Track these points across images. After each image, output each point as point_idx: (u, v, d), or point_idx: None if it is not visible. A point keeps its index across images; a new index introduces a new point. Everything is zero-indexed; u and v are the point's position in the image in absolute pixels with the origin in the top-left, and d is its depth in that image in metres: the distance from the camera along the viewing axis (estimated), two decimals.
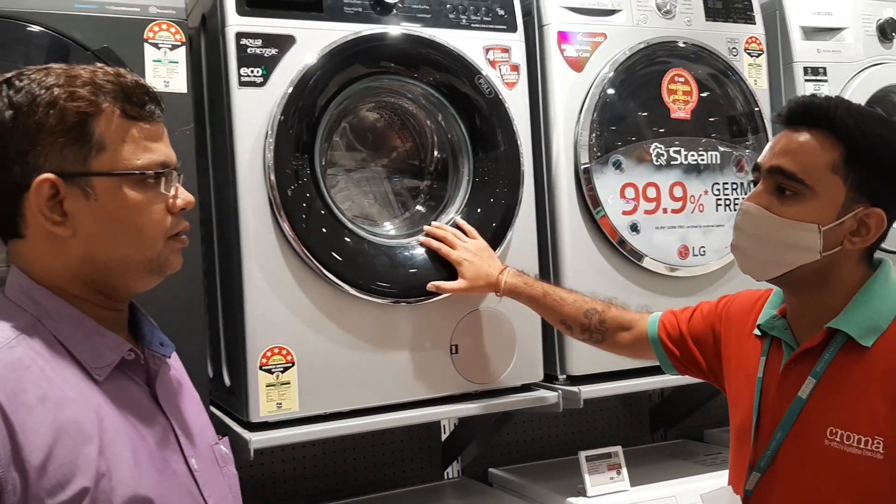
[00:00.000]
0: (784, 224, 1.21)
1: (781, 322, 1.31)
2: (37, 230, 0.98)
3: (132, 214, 1.00)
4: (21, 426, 0.88)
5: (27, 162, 0.95)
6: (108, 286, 1.02)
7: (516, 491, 2.13)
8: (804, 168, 1.20)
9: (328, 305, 1.73)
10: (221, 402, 1.86)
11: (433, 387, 1.84)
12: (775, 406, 1.27)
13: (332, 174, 1.89)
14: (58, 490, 0.88)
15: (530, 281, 1.76)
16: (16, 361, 0.91)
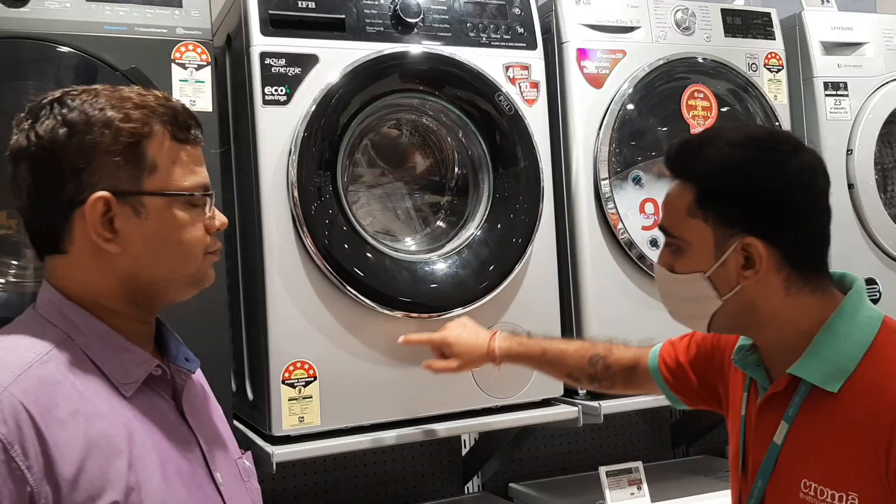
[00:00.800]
0: (677, 280, 1.16)
1: (755, 357, 1.22)
2: (83, 246, 1.00)
3: (178, 233, 1.03)
4: (53, 440, 0.89)
5: (81, 179, 0.97)
6: (147, 299, 1.04)
7: None
8: (671, 221, 1.16)
9: (350, 320, 1.74)
10: (244, 416, 1.88)
11: (454, 401, 1.85)
12: (756, 448, 1.20)
13: (354, 190, 1.92)
14: (89, 503, 0.90)
15: (525, 340, 1.66)
16: (48, 376, 0.93)
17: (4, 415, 0.87)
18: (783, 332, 1.15)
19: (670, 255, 1.18)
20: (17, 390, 0.90)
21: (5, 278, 1.53)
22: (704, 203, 1.12)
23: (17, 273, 1.55)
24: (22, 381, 0.91)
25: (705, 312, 1.16)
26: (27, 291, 1.54)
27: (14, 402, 0.89)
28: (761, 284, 1.12)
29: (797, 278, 1.13)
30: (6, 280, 1.53)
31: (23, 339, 0.97)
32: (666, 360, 1.49)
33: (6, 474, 0.85)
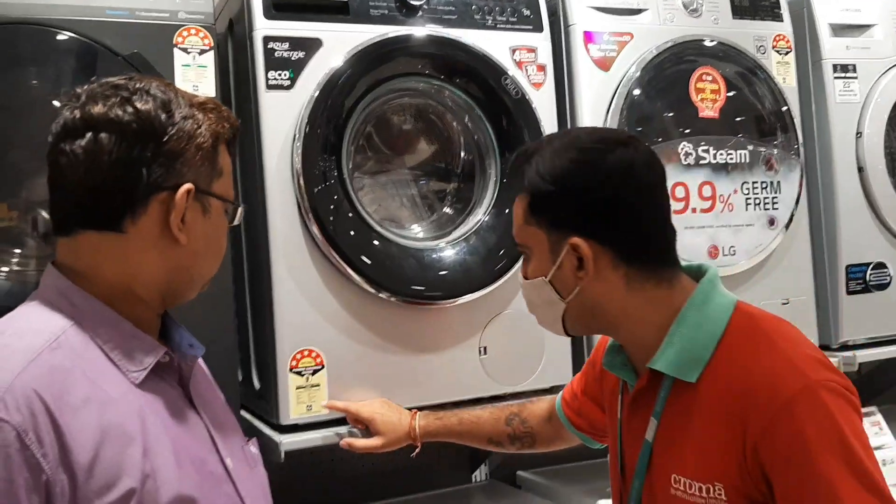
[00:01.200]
0: (528, 286, 1.22)
1: (622, 358, 1.23)
2: (146, 230, 1.00)
3: (222, 236, 1.10)
4: (68, 428, 0.88)
5: (174, 166, 1.00)
6: (176, 294, 1.07)
7: (545, 494, 2.12)
8: (516, 229, 1.22)
9: (357, 308, 1.73)
10: (251, 405, 1.86)
11: (462, 389, 1.83)
12: (631, 448, 1.21)
13: (359, 177, 1.89)
14: (105, 491, 0.89)
15: (442, 414, 1.67)
16: (58, 364, 0.92)
17: (18, 403, 0.86)
18: (637, 329, 1.16)
19: (523, 262, 1.24)
20: (28, 378, 0.88)
21: (8, 267, 1.51)
22: (536, 209, 1.17)
23: (19, 262, 1.53)
24: (33, 369, 0.90)
25: (556, 314, 1.20)
26: (30, 280, 1.52)
27: (27, 389, 0.87)
28: (600, 283, 1.14)
29: (637, 274, 1.14)
30: (9, 269, 1.51)
31: (30, 325, 0.96)
32: (566, 398, 1.52)
33: (21, 462, 0.84)
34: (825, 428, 1.02)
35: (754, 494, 1.05)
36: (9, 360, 0.89)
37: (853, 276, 2.26)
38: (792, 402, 1.02)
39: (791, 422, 1.02)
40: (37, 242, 1.55)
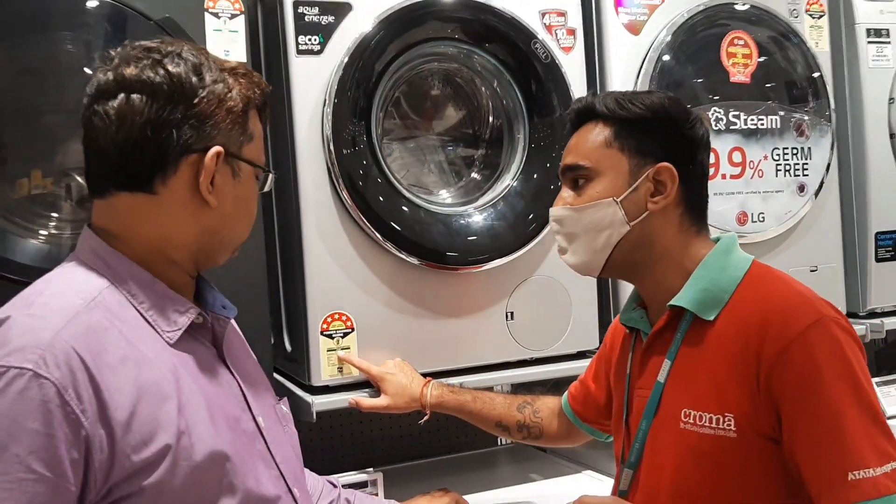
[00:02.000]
0: (584, 209, 1.25)
1: (639, 313, 1.31)
2: (177, 191, 1.02)
3: (253, 202, 1.11)
4: (105, 385, 0.90)
5: (204, 129, 1.01)
6: (206, 258, 1.08)
7: (571, 457, 2.14)
8: (583, 154, 1.26)
9: (386, 272, 1.74)
10: (283, 367, 1.89)
11: (489, 353, 1.85)
12: (641, 395, 1.26)
13: (388, 143, 1.90)
14: (142, 447, 0.91)
15: (456, 389, 1.69)
16: (95, 323, 0.94)
17: (58, 360, 0.88)
18: (669, 270, 1.25)
19: (575, 192, 1.27)
20: (68, 336, 0.90)
21: (46, 231, 1.54)
22: (623, 133, 1.25)
23: (56, 226, 1.56)
24: (71, 328, 0.92)
25: (610, 241, 1.24)
26: (65, 244, 1.55)
27: (66, 347, 0.89)
28: (661, 216, 1.24)
29: (688, 217, 1.26)
30: (47, 233, 1.54)
31: (68, 285, 0.98)
32: (572, 392, 1.58)
33: (61, 418, 0.87)
34: (836, 358, 1.10)
35: (763, 426, 1.11)
36: (48, 319, 0.91)
37: (882, 243, 2.25)
38: (806, 332, 1.10)
39: (804, 350, 1.10)
40: (72, 207, 1.57)
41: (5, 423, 0.85)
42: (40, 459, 0.85)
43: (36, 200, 1.55)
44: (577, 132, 1.30)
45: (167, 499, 0.92)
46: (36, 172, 1.57)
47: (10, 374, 0.86)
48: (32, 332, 0.90)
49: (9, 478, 0.84)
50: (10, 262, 1.48)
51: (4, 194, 1.52)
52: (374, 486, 1.67)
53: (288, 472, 1.10)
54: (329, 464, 2.15)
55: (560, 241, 1.32)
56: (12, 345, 0.88)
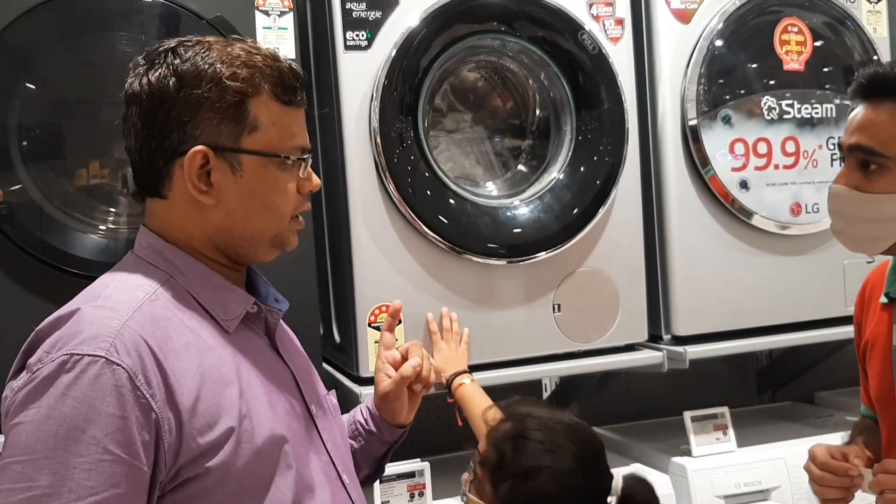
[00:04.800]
0: (875, 200, 1.19)
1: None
2: (181, 194, 1.03)
3: (271, 192, 1.05)
4: (172, 370, 0.94)
5: (185, 131, 1.01)
6: (236, 254, 1.08)
7: (619, 450, 2.13)
8: (881, 140, 1.18)
9: (433, 265, 1.76)
10: (332, 358, 1.93)
11: (536, 345, 1.85)
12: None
13: (434, 135, 1.91)
14: (207, 430, 0.95)
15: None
16: (158, 313, 0.98)
17: (127, 347, 0.92)
18: None
19: (864, 175, 1.20)
20: (135, 325, 0.95)
21: (105, 225, 1.59)
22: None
23: (113, 220, 1.61)
24: (138, 317, 0.96)
25: (894, 233, 1.20)
26: (122, 237, 1.60)
27: (134, 335, 0.94)
28: None
29: None
30: (106, 227, 1.59)
31: (130, 278, 1.02)
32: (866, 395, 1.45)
33: (133, 402, 0.91)
34: None
35: None
36: (115, 310, 0.96)
37: None
38: None
39: None
40: (127, 200, 1.62)
41: (82, 408, 0.89)
42: (116, 441, 0.89)
43: (93, 193, 1.60)
44: (874, 107, 1.20)
45: (231, 479, 0.96)
46: (94, 164, 1.62)
47: (85, 361, 0.90)
48: (102, 322, 0.94)
49: (88, 459, 0.88)
50: (72, 256, 1.54)
51: (64, 188, 1.57)
52: (420, 475, 1.69)
53: (338, 458, 1.13)
54: None
55: (837, 222, 1.26)
56: (84, 334, 0.92)
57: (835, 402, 2.40)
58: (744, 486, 1.86)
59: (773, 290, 2.02)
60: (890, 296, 1.31)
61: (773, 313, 2.03)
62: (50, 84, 1.55)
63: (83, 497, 0.87)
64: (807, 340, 2.04)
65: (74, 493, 0.87)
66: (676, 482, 1.84)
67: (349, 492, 1.13)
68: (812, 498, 1.86)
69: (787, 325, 2.04)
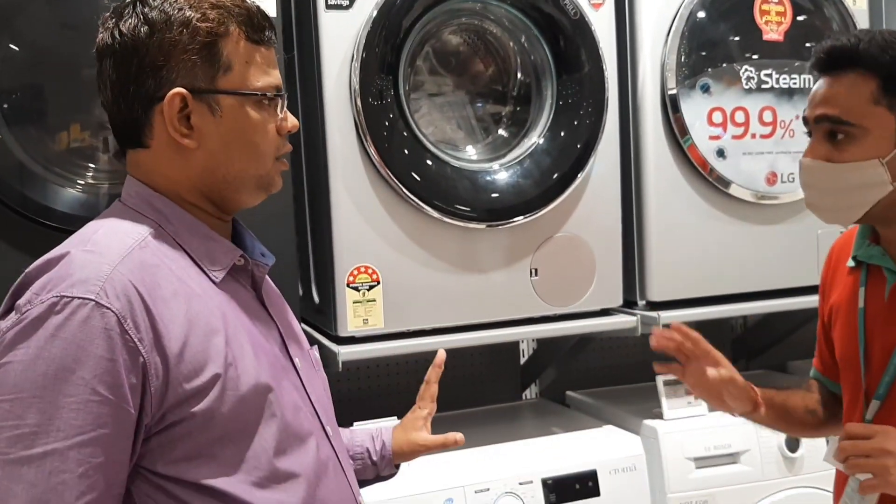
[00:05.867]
0: (846, 169, 1.20)
1: (878, 249, 1.29)
2: (163, 141, 1.04)
3: (251, 132, 1.06)
4: (160, 316, 0.96)
5: (160, 76, 1.01)
6: (221, 199, 1.09)
7: (593, 413, 2.17)
8: (847, 109, 1.19)
9: (412, 227, 1.77)
10: (311, 318, 1.95)
11: (513, 309, 1.88)
12: (886, 332, 1.26)
13: (416, 98, 1.91)
14: (193, 376, 0.96)
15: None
16: (147, 260, 0.99)
17: (117, 291, 0.93)
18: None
19: (833, 146, 1.21)
20: (124, 270, 0.96)
21: (84, 180, 1.59)
22: (890, 91, 1.17)
23: (93, 176, 1.61)
24: (127, 262, 0.97)
25: (869, 200, 1.21)
26: (102, 192, 1.60)
27: (124, 280, 0.95)
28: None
29: None
30: (84, 182, 1.59)
31: (119, 225, 1.03)
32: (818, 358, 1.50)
33: (121, 345, 0.92)
34: None
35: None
36: (105, 255, 0.97)
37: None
38: None
39: None
40: (109, 159, 1.62)
41: (71, 349, 0.90)
42: (104, 383, 0.91)
43: (75, 153, 1.60)
44: (835, 79, 1.21)
45: (215, 425, 0.98)
46: (75, 126, 1.62)
47: (74, 303, 0.92)
48: (92, 266, 0.95)
49: (76, 399, 0.90)
50: (52, 210, 1.55)
51: (46, 146, 1.57)
52: None
53: (321, 410, 1.15)
54: (353, 413, 2.21)
55: (810, 195, 1.27)
56: (74, 277, 0.93)
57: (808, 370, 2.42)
58: (713, 448, 1.90)
59: (747, 258, 2.05)
60: (857, 259, 1.33)
61: (748, 281, 2.06)
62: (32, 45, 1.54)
63: (70, 436, 0.89)
64: (780, 308, 2.08)
65: (62, 432, 0.89)
66: (647, 444, 1.88)
67: (332, 442, 1.15)
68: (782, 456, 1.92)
69: (761, 293, 2.08)
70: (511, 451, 1.85)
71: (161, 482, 0.97)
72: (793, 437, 1.86)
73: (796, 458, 1.92)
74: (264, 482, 1.01)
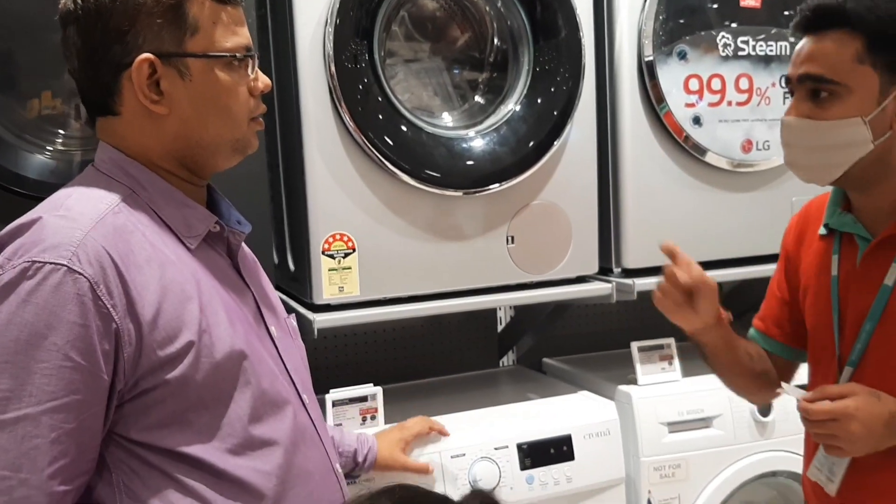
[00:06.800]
0: (828, 127, 1.21)
1: (850, 217, 1.30)
2: (134, 108, 1.03)
3: (223, 95, 1.05)
4: (133, 283, 0.95)
5: (126, 42, 0.99)
6: (196, 164, 1.08)
7: (569, 379, 2.19)
8: (831, 67, 1.20)
9: (387, 194, 1.76)
10: (286, 286, 1.94)
11: (489, 276, 1.88)
12: (858, 299, 1.27)
13: (391, 64, 1.89)
14: (167, 343, 0.96)
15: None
16: (121, 226, 0.98)
17: (89, 257, 0.93)
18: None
19: (815, 104, 1.22)
20: (97, 235, 0.95)
21: (53, 146, 1.57)
22: (876, 49, 1.17)
23: (63, 142, 1.59)
24: (100, 228, 0.96)
25: (850, 158, 1.21)
26: (75, 160, 1.58)
27: (97, 245, 0.94)
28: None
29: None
30: (54, 148, 1.57)
31: (92, 191, 1.02)
32: (763, 315, 1.52)
33: (94, 311, 0.92)
34: None
35: None
36: (78, 220, 0.96)
37: None
38: None
39: None
40: (80, 126, 1.60)
41: (44, 315, 0.90)
42: (76, 349, 0.91)
43: (46, 120, 1.58)
44: (819, 37, 1.21)
45: (189, 392, 0.98)
46: (46, 93, 1.59)
47: (46, 269, 0.91)
48: (64, 231, 0.94)
49: (49, 365, 0.90)
50: (22, 177, 1.52)
51: (16, 113, 1.55)
52: (373, 399, 1.73)
53: (298, 378, 1.15)
54: (331, 381, 2.22)
55: (790, 153, 1.28)
56: (46, 242, 0.93)
57: None
58: (687, 413, 1.93)
59: (723, 225, 2.06)
60: (829, 227, 1.34)
61: (723, 249, 2.07)
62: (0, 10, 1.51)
63: (43, 401, 0.89)
64: (755, 275, 2.10)
65: (34, 398, 0.89)
66: (622, 409, 1.90)
67: (308, 411, 1.15)
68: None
69: (736, 261, 2.09)
70: (487, 417, 1.87)
71: (135, 448, 0.98)
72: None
73: (768, 422, 1.95)
74: (239, 449, 1.01)
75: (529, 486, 1.75)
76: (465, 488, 1.69)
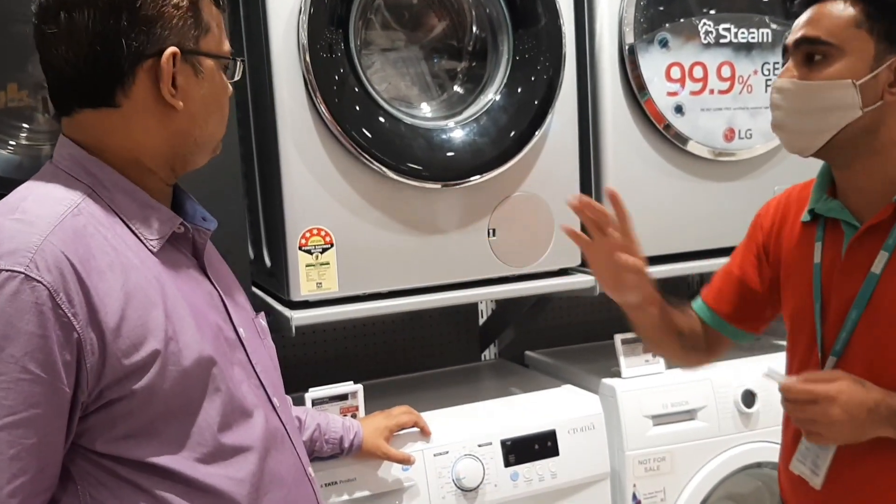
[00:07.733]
0: (818, 87, 1.19)
1: (836, 203, 1.28)
2: (140, 100, 0.99)
3: (222, 96, 1.07)
4: (95, 289, 0.91)
5: (154, 32, 0.97)
6: (185, 161, 1.06)
7: (552, 372, 2.17)
8: (827, 30, 1.19)
9: (366, 188, 1.72)
10: (262, 282, 1.90)
11: (470, 270, 1.85)
12: (843, 287, 1.25)
13: (368, 54, 1.85)
14: (132, 351, 0.92)
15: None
16: (81, 229, 0.94)
17: (48, 263, 0.88)
18: (885, 165, 1.22)
19: (808, 68, 1.21)
20: (56, 240, 0.90)
21: (17, 141, 1.51)
22: (874, 16, 1.17)
23: (28, 136, 1.53)
24: (59, 232, 0.91)
25: (837, 123, 1.20)
26: (43, 154, 1.52)
27: (56, 251, 0.89)
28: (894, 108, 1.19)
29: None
30: (17, 143, 1.51)
31: (50, 191, 0.97)
32: (711, 294, 1.49)
33: (54, 321, 0.87)
34: None
35: None
36: (35, 224, 0.91)
37: None
38: None
39: None
40: (46, 119, 1.54)
41: (0, 326, 0.86)
42: (35, 360, 0.86)
43: (10, 113, 1.52)
44: (818, 6, 1.21)
45: (156, 401, 0.94)
46: (12, 86, 1.53)
47: (2, 276, 0.87)
48: (20, 236, 0.89)
49: (6, 378, 0.86)
50: None
51: None
52: (353, 397, 1.69)
53: (267, 381, 1.12)
54: (309, 378, 2.18)
55: (778, 115, 1.26)
56: (2, 249, 0.88)
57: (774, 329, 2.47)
58: (671, 406, 1.91)
59: (705, 215, 2.04)
60: (814, 213, 1.32)
61: (705, 238, 2.06)
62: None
63: (1, 416, 0.85)
64: None
65: None
66: (606, 402, 1.88)
67: (280, 415, 1.12)
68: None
69: (717, 251, 2.07)
70: (470, 413, 1.84)
71: (101, 461, 0.94)
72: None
73: (752, 413, 1.94)
74: (209, 458, 0.98)
75: (514, 482, 1.72)
76: (448, 486, 1.66)
